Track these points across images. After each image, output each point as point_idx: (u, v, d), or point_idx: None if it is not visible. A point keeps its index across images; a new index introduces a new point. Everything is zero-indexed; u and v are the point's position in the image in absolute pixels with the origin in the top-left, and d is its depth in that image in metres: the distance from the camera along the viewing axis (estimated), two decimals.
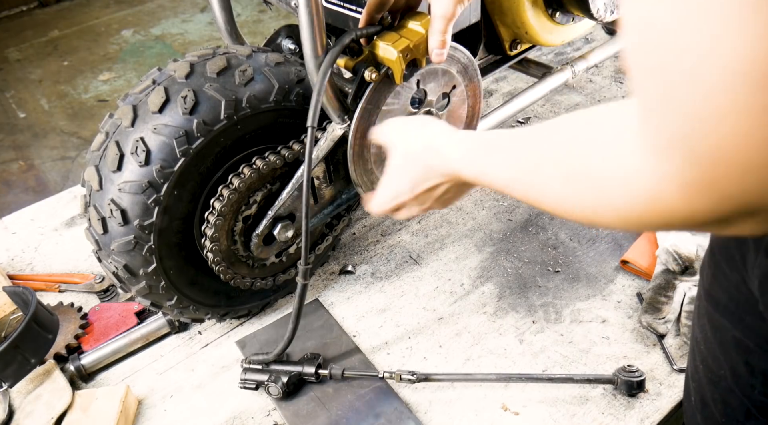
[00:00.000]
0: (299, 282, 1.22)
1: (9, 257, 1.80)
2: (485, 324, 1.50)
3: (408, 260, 1.70)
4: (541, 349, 1.43)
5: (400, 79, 1.23)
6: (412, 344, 1.47)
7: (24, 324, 1.29)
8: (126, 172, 1.18)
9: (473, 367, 1.40)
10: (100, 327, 1.53)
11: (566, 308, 1.52)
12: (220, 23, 1.50)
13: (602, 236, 1.71)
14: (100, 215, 1.21)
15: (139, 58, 3.13)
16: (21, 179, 2.30)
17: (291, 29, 1.54)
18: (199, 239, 1.31)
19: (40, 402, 1.31)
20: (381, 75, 1.23)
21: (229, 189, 1.25)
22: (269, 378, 1.33)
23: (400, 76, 1.23)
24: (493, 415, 1.30)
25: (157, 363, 1.48)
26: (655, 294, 1.46)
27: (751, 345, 0.68)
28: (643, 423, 1.27)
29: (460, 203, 1.87)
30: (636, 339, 1.43)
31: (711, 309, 0.75)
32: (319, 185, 1.41)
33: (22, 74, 3.03)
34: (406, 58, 1.20)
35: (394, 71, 1.22)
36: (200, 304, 1.40)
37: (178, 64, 1.23)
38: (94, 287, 1.65)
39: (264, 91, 1.25)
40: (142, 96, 1.21)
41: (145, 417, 1.36)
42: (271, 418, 1.34)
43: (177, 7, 3.64)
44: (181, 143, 1.17)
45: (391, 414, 1.30)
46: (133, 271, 1.26)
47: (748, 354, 0.69)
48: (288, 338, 1.31)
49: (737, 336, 0.69)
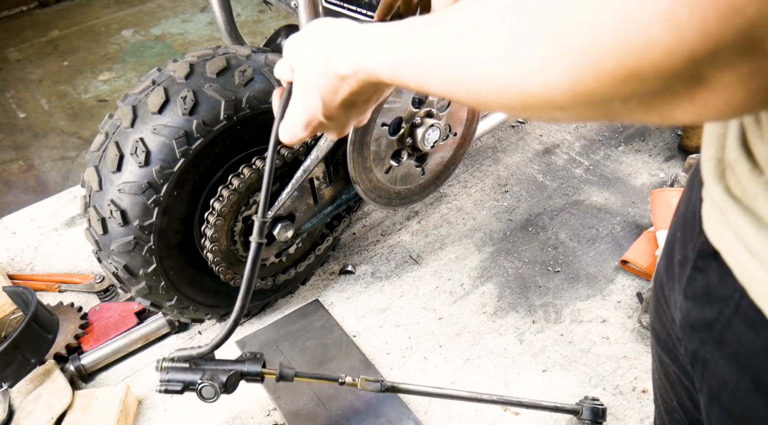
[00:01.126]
0: (253, 241, 0.87)
1: (9, 257, 1.80)
2: (485, 324, 1.50)
3: (408, 260, 1.70)
4: (541, 349, 1.43)
5: None
6: (412, 344, 1.47)
7: (24, 324, 1.29)
8: (126, 172, 1.18)
9: (473, 367, 1.40)
10: (100, 327, 1.53)
11: (566, 308, 1.52)
12: (220, 23, 1.50)
13: (602, 236, 1.71)
14: (100, 215, 1.21)
15: (139, 58, 3.13)
16: (21, 179, 2.30)
17: (291, 29, 1.54)
18: (199, 240, 1.31)
19: (40, 402, 1.31)
20: None
21: (229, 190, 1.25)
22: (203, 377, 1.04)
23: None
24: (493, 415, 1.30)
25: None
26: None
27: (687, 383, 0.64)
28: (643, 422, 1.27)
29: (460, 203, 1.87)
30: (636, 339, 1.43)
31: (654, 342, 0.71)
32: (319, 185, 1.41)
33: (22, 74, 3.03)
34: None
35: None
36: (200, 304, 1.40)
37: (178, 65, 1.23)
38: (94, 287, 1.65)
39: (264, 92, 1.25)
40: (142, 96, 1.21)
41: (145, 417, 1.36)
42: (271, 418, 1.34)
43: (177, 7, 3.63)
44: (180, 143, 1.17)
45: (391, 414, 1.30)
46: (133, 271, 1.26)
47: (688, 392, 0.65)
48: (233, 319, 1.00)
49: (677, 372, 0.66)
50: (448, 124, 1.46)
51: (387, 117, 1.35)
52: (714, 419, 0.55)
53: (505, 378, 1.37)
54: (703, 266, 0.51)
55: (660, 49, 0.33)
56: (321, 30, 0.70)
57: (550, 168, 1.98)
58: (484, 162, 2.02)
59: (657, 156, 1.99)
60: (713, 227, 0.49)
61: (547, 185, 1.91)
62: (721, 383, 0.51)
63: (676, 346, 0.62)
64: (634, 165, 1.96)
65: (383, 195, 1.50)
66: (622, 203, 1.81)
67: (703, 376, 0.54)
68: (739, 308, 0.47)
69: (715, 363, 0.52)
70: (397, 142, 1.42)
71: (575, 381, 1.35)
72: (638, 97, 0.36)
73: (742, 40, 0.31)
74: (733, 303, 0.47)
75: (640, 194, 1.84)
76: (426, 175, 1.55)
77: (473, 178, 1.96)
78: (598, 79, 0.36)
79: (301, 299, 1.61)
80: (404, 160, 1.45)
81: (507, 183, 1.93)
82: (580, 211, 1.80)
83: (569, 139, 2.10)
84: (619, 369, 1.37)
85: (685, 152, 1.97)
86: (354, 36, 0.65)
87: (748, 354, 0.47)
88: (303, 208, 1.41)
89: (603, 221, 1.76)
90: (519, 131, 2.16)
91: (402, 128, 1.40)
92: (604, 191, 1.87)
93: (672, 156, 1.98)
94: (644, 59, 0.33)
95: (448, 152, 1.57)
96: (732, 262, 0.46)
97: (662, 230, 1.57)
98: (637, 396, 1.32)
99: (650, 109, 0.36)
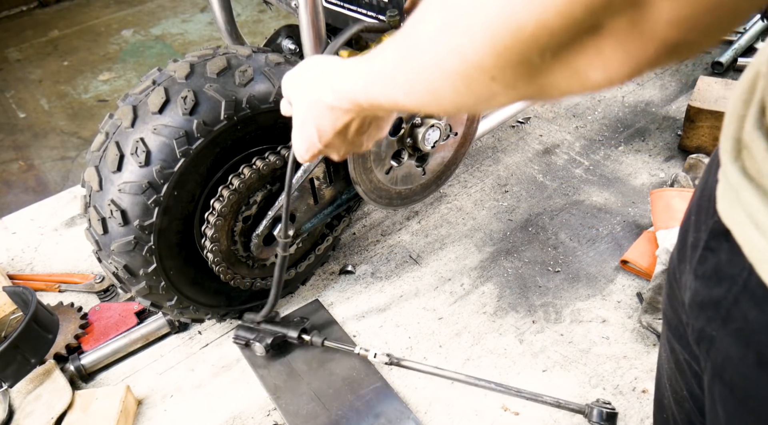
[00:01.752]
0: (279, 253, 1.27)
1: (9, 257, 1.80)
2: (485, 324, 1.50)
3: (408, 260, 1.70)
4: (541, 349, 1.43)
5: None
6: (412, 344, 1.47)
7: (24, 324, 1.29)
8: (126, 172, 1.18)
9: (473, 367, 1.40)
10: (100, 327, 1.53)
11: (566, 308, 1.52)
12: (220, 23, 1.50)
13: (602, 236, 1.71)
14: (100, 215, 1.21)
15: (139, 58, 3.13)
16: (21, 179, 2.30)
17: (291, 29, 1.54)
18: (199, 240, 1.31)
19: (40, 402, 1.31)
20: None
21: (229, 190, 1.25)
22: (255, 337, 1.40)
23: None
24: (493, 415, 1.30)
25: (157, 363, 1.48)
26: (655, 294, 1.45)
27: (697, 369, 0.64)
28: (643, 422, 1.27)
29: (460, 203, 1.87)
30: (636, 339, 1.43)
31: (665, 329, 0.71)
32: (319, 186, 1.41)
33: (22, 74, 3.03)
34: None
35: None
36: (200, 304, 1.40)
37: (178, 65, 1.23)
38: (94, 287, 1.65)
39: (264, 92, 1.25)
40: (142, 96, 1.21)
41: (145, 417, 1.36)
42: (271, 418, 1.34)
43: (177, 7, 3.63)
44: (181, 143, 1.17)
45: (391, 414, 1.30)
46: (133, 271, 1.26)
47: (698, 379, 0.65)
48: (271, 301, 1.36)
49: (687, 359, 0.66)
50: (448, 124, 1.46)
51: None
52: (716, 396, 0.56)
53: (505, 378, 1.37)
54: (715, 246, 0.53)
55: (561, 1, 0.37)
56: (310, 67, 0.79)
57: (550, 168, 1.98)
58: (484, 162, 2.02)
59: (657, 156, 1.99)
60: (726, 206, 0.50)
61: (547, 185, 1.91)
62: (725, 359, 0.53)
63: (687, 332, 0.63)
64: (634, 165, 1.96)
65: (384, 196, 1.50)
66: (622, 203, 1.81)
67: (708, 354, 0.55)
68: (747, 286, 0.48)
69: (720, 340, 0.53)
70: (398, 142, 1.42)
71: (575, 381, 1.35)
72: (551, 51, 0.40)
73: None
74: (741, 281, 0.49)
75: (640, 194, 1.84)
76: (427, 175, 1.55)
77: (473, 178, 1.96)
78: (515, 35, 0.40)
79: (301, 299, 1.61)
80: (405, 160, 1.45)
81: (507, 183, 1.93)
82: (580, 211, 1.80)
83: (569, 139, 2.10)
84: (619, 369, 1.37)
85: (685, 152, 1.97)
86: (336, 68, 0.74)
87: (753, 330, 0.49)
88: (303, 208, 1.41)
89: (603, 221, 1.76)
90: (519, 131, 2.16)
91: (402, 129, 1.40)
92: (604, 191, 1.87)
93: (672, 156, 1.98)
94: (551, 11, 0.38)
95: (449, 152, 1.57)
96: (742, 240, 0.48)
97: (662, 230, 1.57)
98: (637, 396, 1.32)
99: (565, 65, 0.41)
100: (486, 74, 0.45)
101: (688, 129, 1.94)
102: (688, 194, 1.66)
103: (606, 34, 0.38)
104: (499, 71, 0.44)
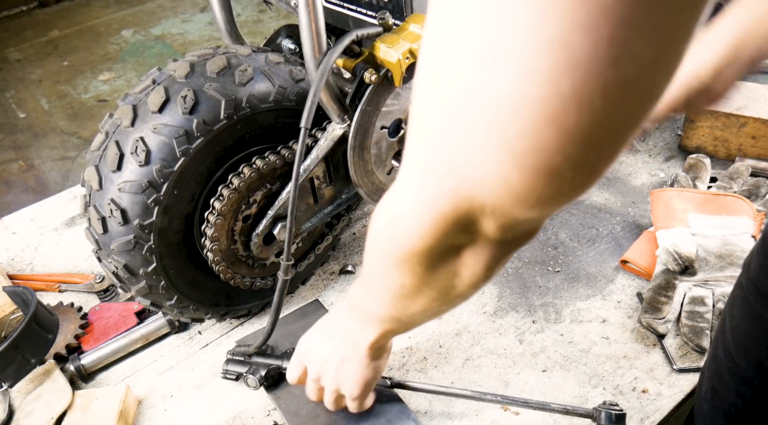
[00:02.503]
0: (280, 277, 1.22)
1: (9, 257, 1.80)
2: (485, 324, 1.50)
3: None
4: (541, 349, 1.43)
5: (399, 82, 1.24)
6: (412, 344, 1.47)
7: (24, 323, 1.29)
8: (126, 171, 1.18)
9: (473, 367, 1.40)
10: (100, 327, 1.53)
11: (566, 308, 1.52)
12: (220, 23, 1.50)
13: (602, 236, 1.71)
14: (100, 214, 1.21)
15: (139, 58, 3.13)
16: (21, 179, 2.30)
17: (291, 29, 1.54)
18: (199, 239, 1.31)
19: (40, 402, 1.31)
20: (380, 77, 1.23)
21: (229, 189, 1.25)
22: (248, 370, 1.33)
23: (399, 79, 1.23)
24: (493, 415, 1.30)
25: (157, 363, 1.48)
26: (655, 294, 1.46)
27: None
28: (643, 423, 1.27)
29: None
30: (636, 339, 1.43)
31: (752, 300, 0.74)
32: (319, 185, 1.41)
33: (22, 74, 3.03)
34: (406, 61, 1.20)
35: (394, 74, 1.22)
36: (200, 304, 1.40)
37: (178, 64, 1.23)
38: (94, 287, 1.65)
39: (264, 91, 1.25)
40: (142, 96, 1.21)
41: (145, 417, 1.36)
42: (271, 418, 1.34)
43: (177, 7, 3.64)
44: (181, 142, 1.17)
45: (391, 414, 1.30)
46: (133, 271, 1.26)
47: None
48: (267, 332, 1.31)
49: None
50: None
51: (386, 120, 1.36)
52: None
53: (505, 378, 1.37)
54: None
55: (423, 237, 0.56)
56: (323, 330, 1.15)
57: None
58: None
59: (657, 156, 1.99)
60: None
61: None
62: None
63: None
64: (634, 165, 1.96)
65: None
66: (622, 203, 1.82)
67: None
68: None
69: None
70: (398, 143, 1.42)
71: (575, 381, 1.35)
72: (426, 265, 0.60)
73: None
74: None
75: (640, 194, 1.84)
76: None
77: None
78: (399, 266, 0.62)
79: (301, 299, 1.61)
80: None
81: None
82: (580, 211, 1.81)
83: None
84: (619, 369, 1.37)
85: (685, 152, 1.97)
86: (342, 312, 1.06)
87: None
88: (303, 207, 1.41)
89: (603, 221, 1.76)
90: None
91: (402, 129, 1.40)
92: (604, 191, 1.87)
93: (672, 156, 1.98)
94: (417, 246, 0.56)
95: None
96: None
97: (662, 230, 1.57)
98: (637, 395, 1.32)
99: (444, 272, 0.61)
100: (407, 289, 0.66)
101: (688, 129, 1.94)
102: (688, 194, 1.66)
103: (463, 252, 0.56)
104: (409, 281, 0.64)
